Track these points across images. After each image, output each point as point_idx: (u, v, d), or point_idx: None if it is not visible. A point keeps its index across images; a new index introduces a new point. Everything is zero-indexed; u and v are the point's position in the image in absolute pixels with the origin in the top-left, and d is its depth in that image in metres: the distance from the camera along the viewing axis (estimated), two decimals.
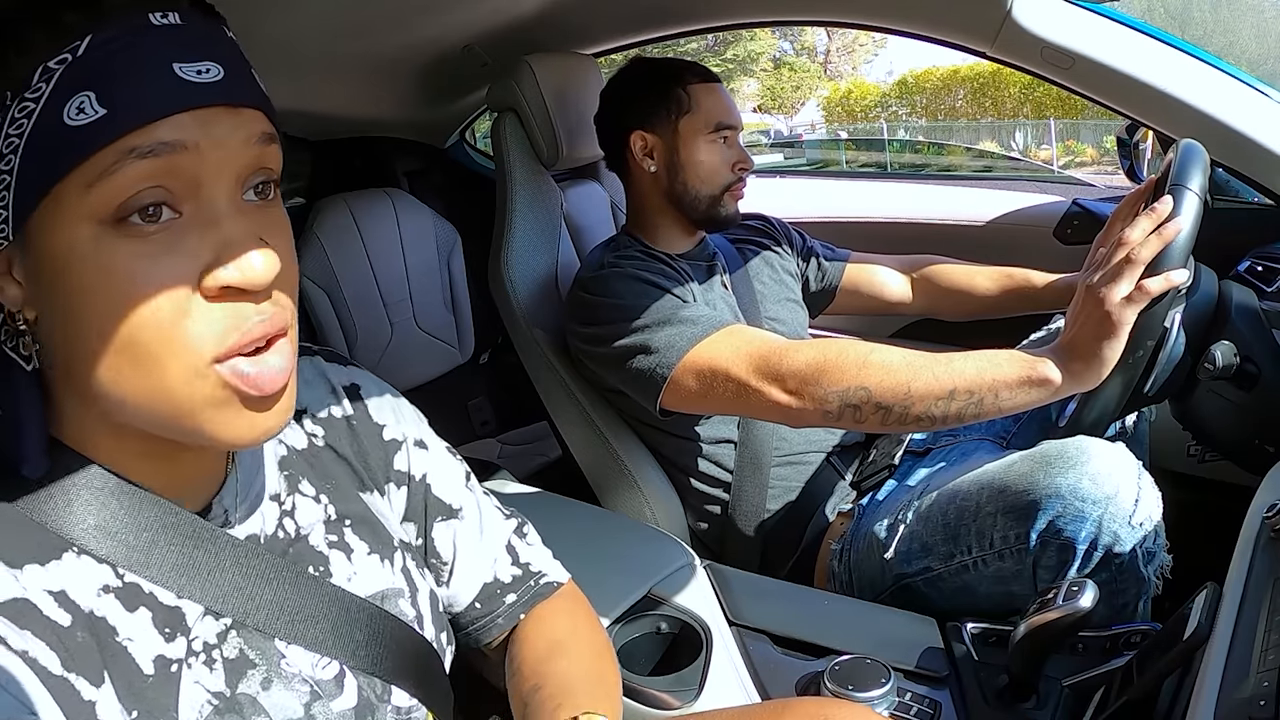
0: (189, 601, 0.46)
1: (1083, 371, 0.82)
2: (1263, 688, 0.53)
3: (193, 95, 0.40)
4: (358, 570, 0.55)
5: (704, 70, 1.24)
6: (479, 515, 0.66)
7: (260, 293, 0.42)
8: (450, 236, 2.01)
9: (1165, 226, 0.81)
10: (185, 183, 0.40)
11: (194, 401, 0.41)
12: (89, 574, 0.43)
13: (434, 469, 0.64)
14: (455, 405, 2.15)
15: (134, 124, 0.39)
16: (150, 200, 0.39)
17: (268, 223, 0.43)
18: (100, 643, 0.42)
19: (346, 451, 0.58)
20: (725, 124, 1.20)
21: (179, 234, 0.40)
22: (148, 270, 0.40)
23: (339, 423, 0.59)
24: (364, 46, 1.42)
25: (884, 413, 0.87)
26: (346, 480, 0.58)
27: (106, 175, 0.38)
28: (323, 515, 0.55)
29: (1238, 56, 14.46)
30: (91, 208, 0.39)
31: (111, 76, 0.39)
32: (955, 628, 0.87)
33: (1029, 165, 12.68)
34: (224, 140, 0.41)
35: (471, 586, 0.65)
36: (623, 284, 1.10)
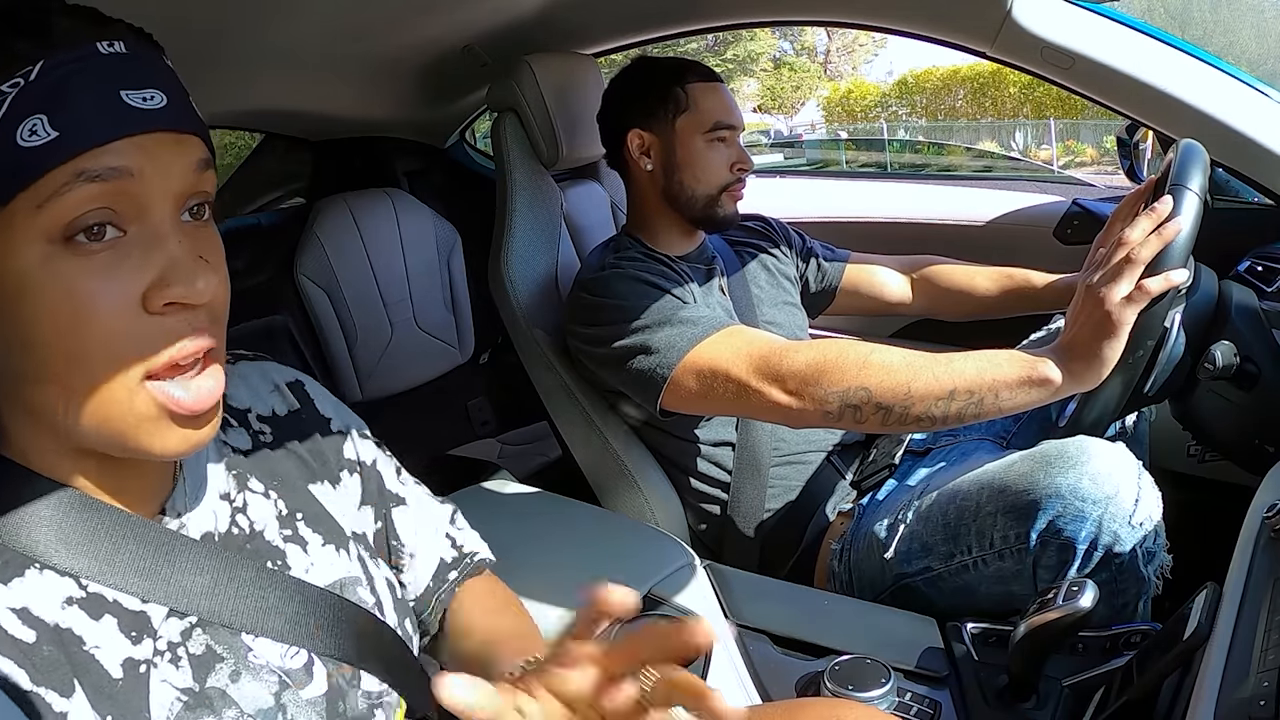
0: (153, 604, 0.47)
1: (1083, 371, 0.82)
2: (1263, 688, 0.53)
3: (139, 121, 0.42)
4: (314, 561, 0.57)
5: (705, 70, 1.24)
6: (420, 503, 0.69)
7: (199, 309, 0.44)
8: (450, 236, 2.01)
9: (1165, 226, 0.81)
10: (131, 204, 0.42)
11: (130, 417, 0.44)
12: (51, 588, 0.44)
13: (379, 459, 0.66)
14: (455, 405, 2.15)
15: (84, 147, 0.40)
16: (97, 220, 0.41)
17: (205, 241, 0.46)
18: (68, 654, 0.43)
19: (295, 447, 0.60)
20: (724, 123, 1.19)
21: (124, 253, 0.42)
22: (94, 288, 0.41)
23: (287, 419, 0.61)
24: (364, 47, 1.42)
25: (884, 413, 0.87)
26: (296, 474, 0.59)
27: (56, 196, 0.40)
28: (274, 511, 0.56)
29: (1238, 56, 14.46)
30: (41, 227, 0.41)
31: (63, 101, 0.40)
32: (955, 628, 0.87)
33: (1029, 165, 12.68)
34: (168, 165, 0.43)
35: (428, 569, 0.68)
36: (623, 285, 1.10)
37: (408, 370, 1.95)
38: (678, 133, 1.19)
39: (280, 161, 2.07)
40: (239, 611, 0.50)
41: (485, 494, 1.24)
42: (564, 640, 0.40)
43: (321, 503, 0.60)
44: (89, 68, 0.41)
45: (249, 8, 1.10)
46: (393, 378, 1.92)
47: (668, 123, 1.20)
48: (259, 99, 1.62)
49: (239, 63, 1.33)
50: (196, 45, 1.21)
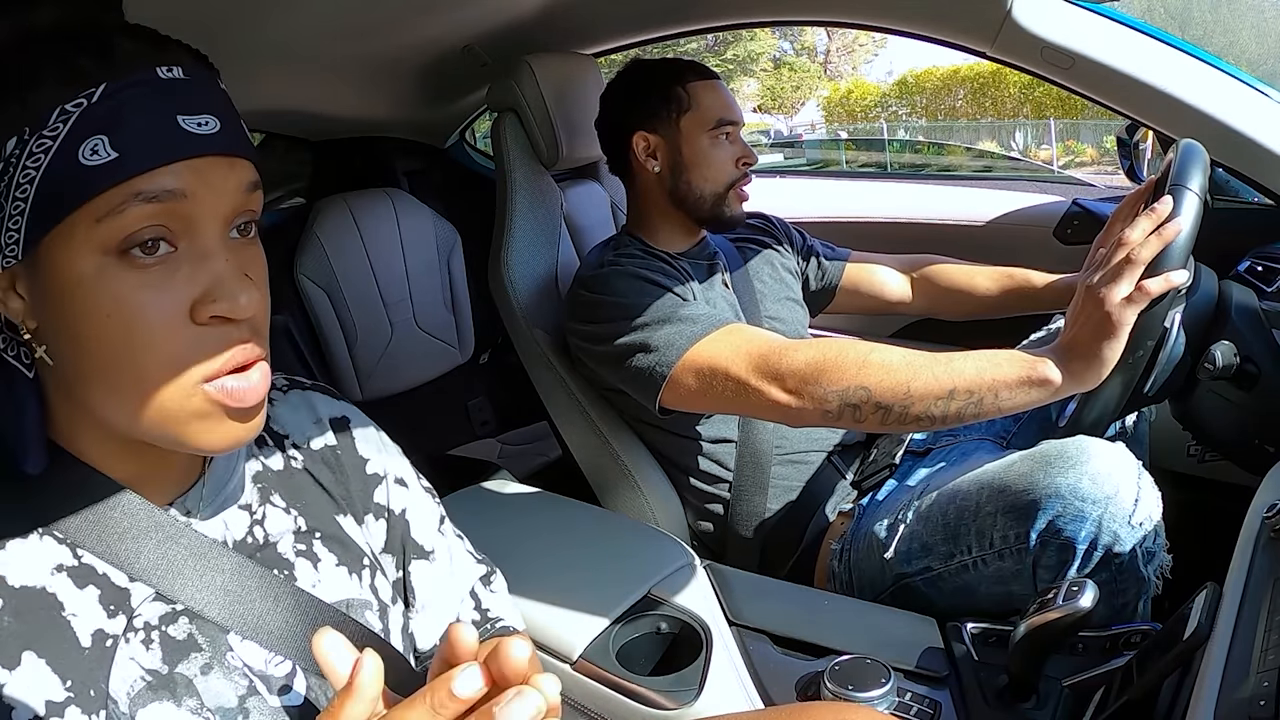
0: (140, 584, 0.49)
1: (1083, 371, 0.82)
2: (1263, 688, 0.53)
3: (194, 146, 0.44)
4: (323, 578, 0.57)
5: (703, 68, 1.24)
6: (450, 559, 0.68)
7: (244, 322, 0.47)
8: (450, 236, 2.01)
9: (1165, 227, 0.81)
10: (182, 223, 0.45)
11: (182, 414, 0.46)
12: (46, 554, 0.47)
13: (412, 507, 0.66)
14: (455, 405, 2.15)
15: (141, 169, 0.43)
16: (150, 236, 0.44)
17: (249, 259, 0.49)
18: (39, 618, 0.45)
19: (325, 480, 0.61)
20: (727, 120, 1.20)
21: (174, 267, 0.45)
22: (146, 299, 0.44)
23: (321, 452, 0.62)
24: (364, 47, 1.42)
25: (884, 412, 0.87)
26: (321, 504, 0.60)
27: (114, 213, 0.43)
28: (292, 526, 0.57)
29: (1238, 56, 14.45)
30: (98, 240, 0.43)
31: (123, 123, 0.43)
32: (955, 628, 0.87)
33: (1029, 165, 12.66)
34: (218, 187, 0.46)
35: (437, 626, 0.67)
36: (623, 282, 1.10)
37: (408, 370, 1.95)
38: (682, 132, 1.20)
39: (280, 161, 2.07)
40: (228, 609, 0.51)
41: (485, 494, 1.24)
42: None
43: (345, 530, 0.60)
44: (148, 92, 0.44)
45: (249, 7, 1.10)
46: (393, 378, 1.92)
47: (672, 123, 1.20)
48: (259, 99, 1.61)
49: (239, 62, 1.32)
50: (196, 44, 1.21)
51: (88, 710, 0.45)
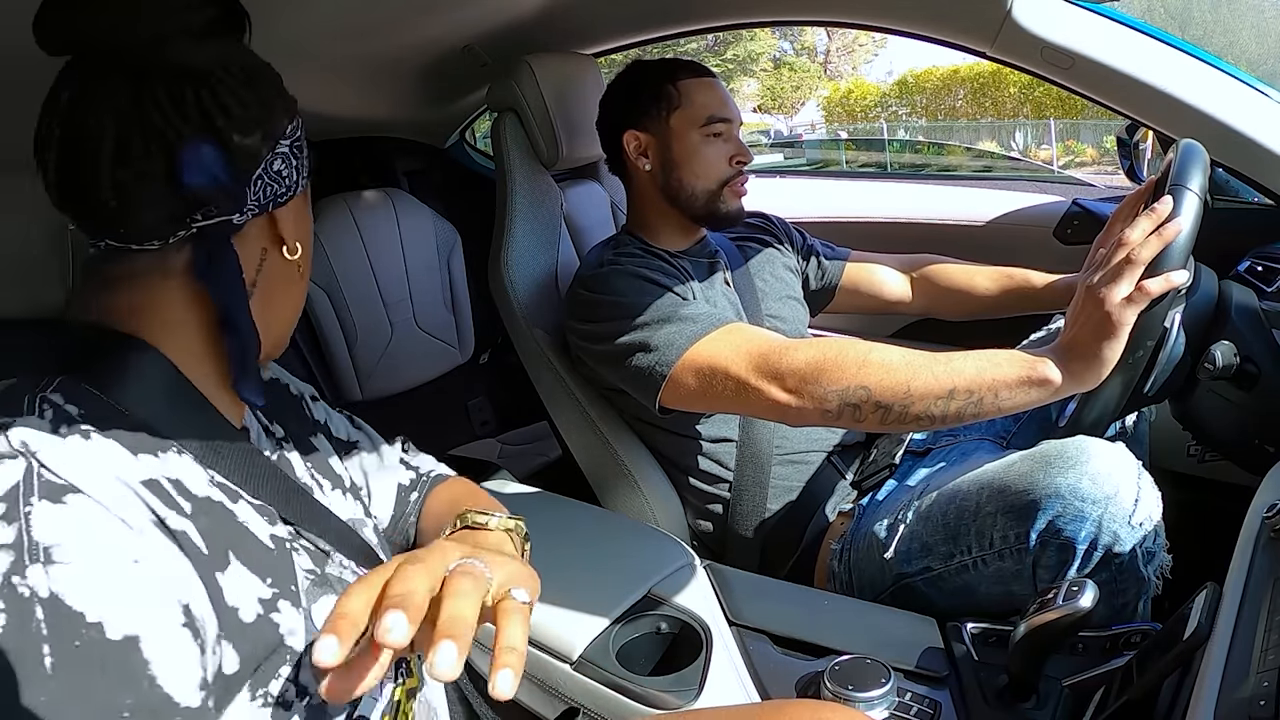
0: (266, 504, 0.54)
1: (1082, 372, 0.82)
2: (1263, 688, 0.53)
3: None
4: (331, 501, 0.64)
5: (696, 66, 1.24)
6: (371, 442, 0.77)
7: None
8: (450, 236, 2.01)
9: (1165, 227, 0.81)
10: None
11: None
12: (194, 469, 0.50)
13: (329, 416, 0.75)
14: (455, 405, 2.15)
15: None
16: None
17: None
18: (222, 526, 0.49)
19: (286, 407, 0.69)
20: (717, 117, 1.19)
21: None
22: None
23: (271, 385, 0.70)
24: (364, 47, 1.42)
25: (883, 412, 0.87)
26: (297, 426, 0.68)
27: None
28: (297, 453, 0.65)
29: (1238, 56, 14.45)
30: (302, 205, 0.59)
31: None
32: (955, 628, 0.87)
33: (1029, 165, 12.67)
34: None
35: (387, 503, 0.75)
36: (622, 281, 1.10)
37: (408, 370, 1.95)
38: (673, 130, 1.19)
39: None
40: (321, 529, 0.58)
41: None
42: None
43: (320, 452, 0.68)
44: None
45: (249, 7, 1.10)
46: (393, 378, 1.92)
47: (662, 121, 1.20)
48: None
49: None
50: None
51: (294, 604, 0.51)
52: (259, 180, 0.55)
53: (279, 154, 0.56)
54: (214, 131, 0.52)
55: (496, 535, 0.64)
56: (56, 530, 0.40)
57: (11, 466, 0.42)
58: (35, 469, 0.42)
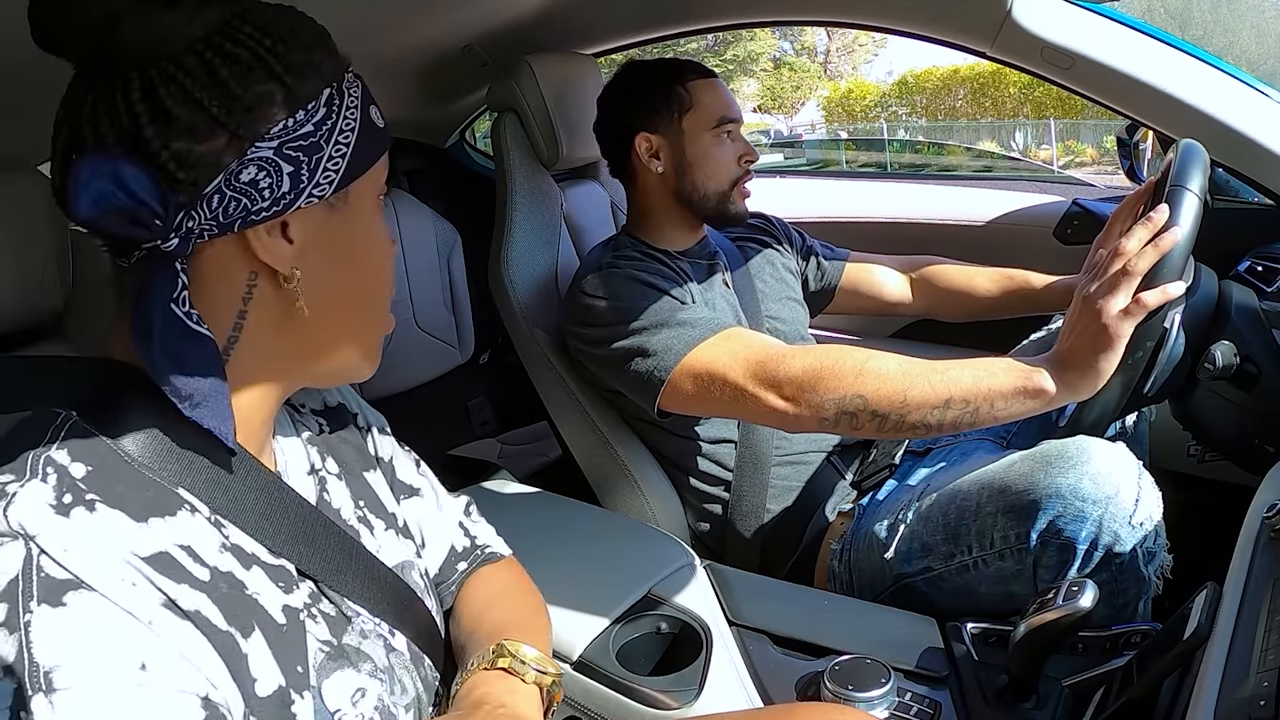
0: (285, 560, 0.50)
1: (1078, 382, 0.82)
2: (1263, 688, 0.53)
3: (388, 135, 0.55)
4: (381, 544, 0.61)
5: (700, 67, 1.24)
6: (435, 494, 0.73)
7: None
8: (450, 236, 2.01)
9: (1162, 237, 0.80)
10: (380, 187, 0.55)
11: (374, 339, 0.57)
12: (206, 532, 0.46)
13: (396, 453, 0.71)
14: (455, 405, 2.15)
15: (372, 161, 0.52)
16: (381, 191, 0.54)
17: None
18: (238, 593, 0.46)
19: (346, 435, 0.65)
20: (728, 118, 1.20)
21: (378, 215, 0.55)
22: (384, 236, 0.56)
23: (334, 410, 0.66)
24: (364, 47, 1.41)
25: (880, 420, 0.87)
26: (353, 460, 0.64)
27: (382, 166, 0.53)
28: (347, 493, 0.61)
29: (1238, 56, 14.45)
30: (374, 185, 0.53)
31: (371, 100, 0.53)
32: (955, 628, 0.87)
33: (1029, 165, 12.67)
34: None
35: (436, 559, 0.71)
36: (621, 285, 1.10)
37: (408, 370, 1.94)
38: (685, 132, 1.20)
39: None
40: (342, 577, 0.54)
41: (485, 494, 1.23)
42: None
43: (375, 490, 0.64)
44: (350, 93, 0.52)
45: None
46: (393, 378, 1.92)
47: (674, 123, 1.20)
48: None
49: None
50: None
51: (298, 689, 0.47)
52: (215, 197, 0.45)
53: (256, 159, 0.46)
54: (133, 142, 0.44)
55: (526, 693, 0.59)
56: (58, 648, 0.38)
57: (11, 552, 0.39)
58: (35, 558, 0.39)
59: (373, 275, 0.54)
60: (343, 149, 0.49)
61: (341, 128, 0.49)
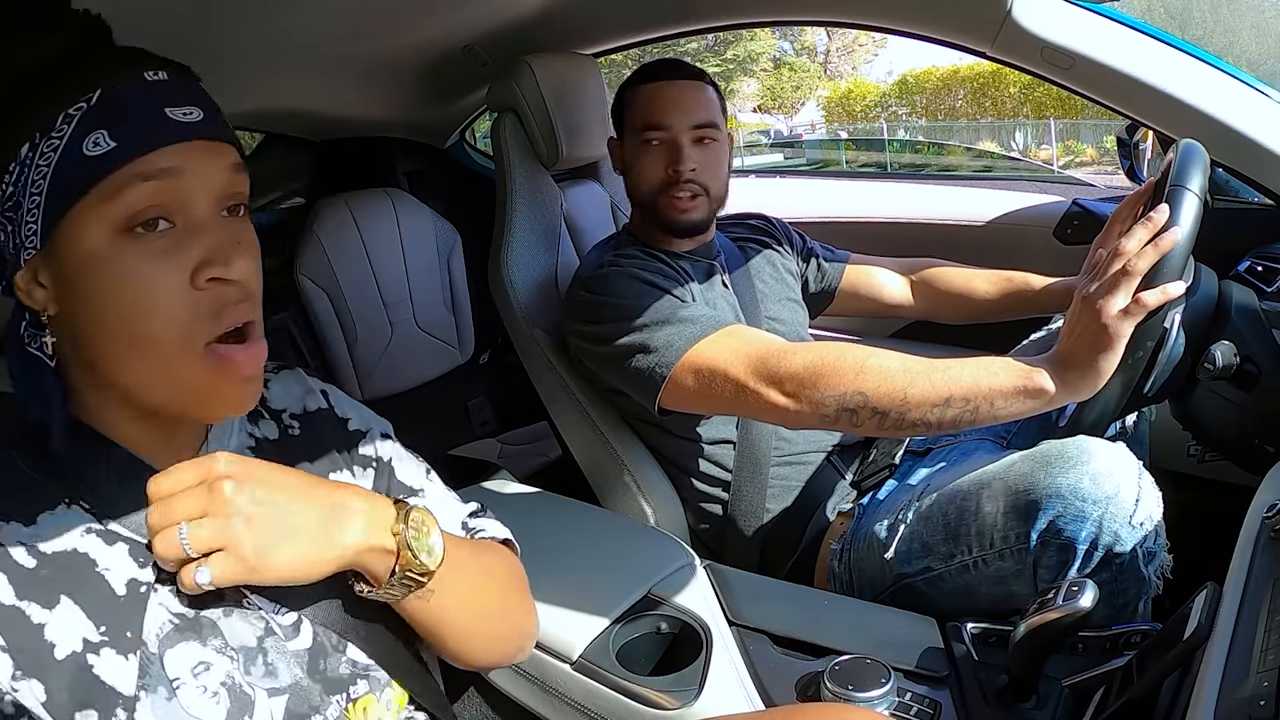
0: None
1: (1078, 382, 0.82)
2: (1263, 688, 0.53)
3: (181, 131, 0.51)
4: None
5: (650, 70, 1.23)
6: (437, 499, 0.74)
7: (239, 284, 0.53)
8: (450, 236, 2.01)
9: (1161, 237, 0.80)
10: (178, 200, 0.51)
11: (192, 378, 0.52)
12: (75, 520, 0.52)
13: (398, 457, 0.72)
14: (455, 405, 2.15)
15: (138, 153, 0.49)
16: (152, 215, 0.50)
17: (241, 232, 0.54)
18: (73, 574, 0.51)
19: (320, 439, 0.68)
20: (650, 124, 1.20)
21: (174, 240, 0.51)
22: (153, 268, 0.50)
23: (315, 415, 0.69)
24: (365, 47, 1.42)
25: (880, 418, 0.87)
26: (314, 467, 0.66)
27: (118, 194, 0.49)
28: None
29: (1238, 56, 14.46)
30: (107, 220, 0.50)
31: (119, 118, 0.50)
32: (955, 628, 0.87)
33: (1029, 165, 12.68)
34: (206, 167, 0.52)
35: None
36: (622, 283, 1.10)
37: (408, 370, 1.95)
38: (625, 138, 1.24)
39: (280, 161, 2.07)
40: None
41: (485, 494, 1.24)
42: None
43: (342, 479, 0.66)
44: (140, 91, 0.51)
45: (250, 7, 1.10)
46: (393, 378, 1.92)
47: (622, 128, 1.25)
48: (260, 99, 1.61)
49: (240, 62, 1.32)
50: (197, 45, 1.21)
51: (121, 651, 0.50)
52: None
53: None
54: None
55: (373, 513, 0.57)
56: None
57: None
58: None
59: (129, 317, 0.50)
60: (36, 198, 0.50)
61: (34, 178, 0.49)
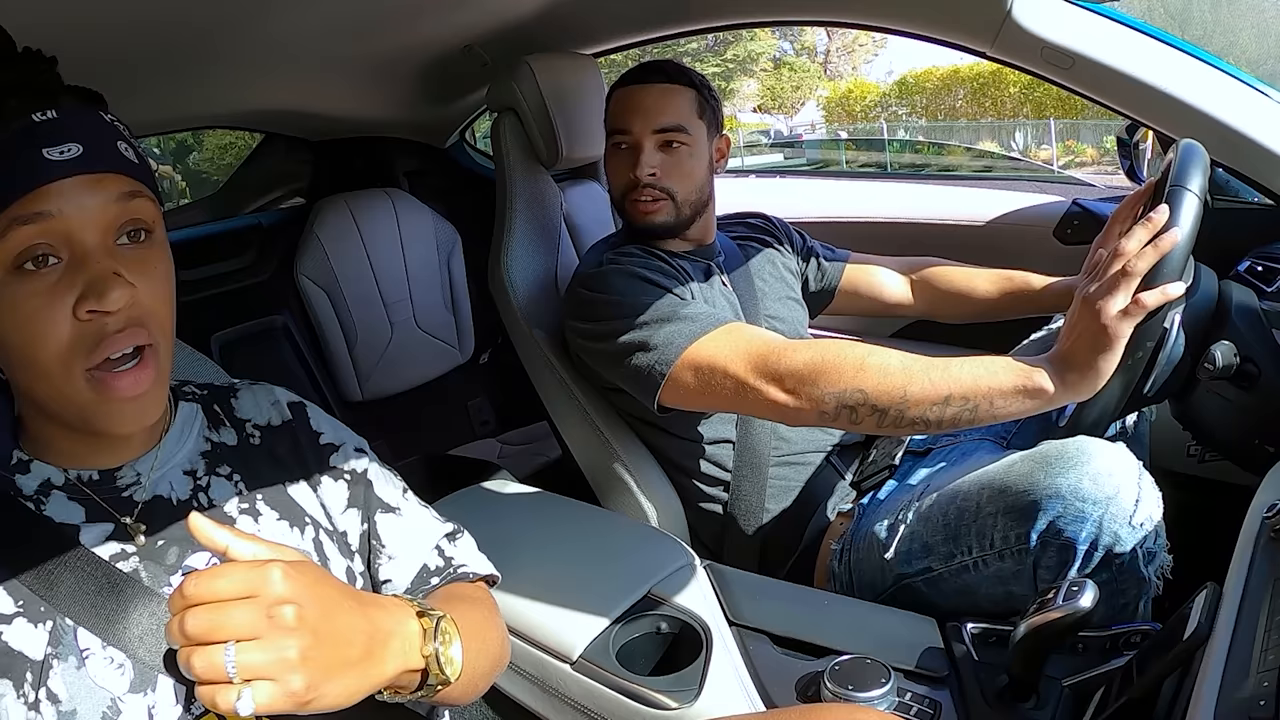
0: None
1: (1078, 383, 0.82)
2: (1263, 688, 0.53)
3: (54, 170, 0.52)
4: (262, 529, 0.64)
5: (628, 74, 1.23)
6: (415, 516, 0.74)
7: (118, 314, 0.54)
8: (450, 236, 2.01)
9: (1161, 238, 0.80)
10: (61, 237, 0.53)
11: (79, 400, 0.55)
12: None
13: (374, 472, 0.73)
14: (455, 405, 2.15)
15: (13, 198, 0.51)
16: (40, 252, 0.52)
17: (137, 261, 0.56)
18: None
19: (282, 453, 0.69)
20: (615, 129, 1.21)
21: (60, 274, 0.53)
22: (38, 303, 0.53)
23: (279, 428, 0.70)
24: (364, 47, 1.42)
25: (879, 415, 0.87)
26: (269, 471, 0.67)
27: (2, 237, 0.51)
28: (234, 490, 0.65)
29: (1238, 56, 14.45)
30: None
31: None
32: (955, 628, 0.87)
33: (1029, 165, 12.69)
34: (84, 203, 0.53)
35: (407, 572, 0.71)
36: (622, 281, 1.10)
37: (408, 370, 1.95)
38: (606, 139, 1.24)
39: (280, 161, 2.07)
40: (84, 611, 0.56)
41: (485, 494, 1.24)
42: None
43: (290, 494, 0.67)
44: (20, 136, 0.52)
45: (250, 7, 1.10)
46: (393, 378, 1.92)
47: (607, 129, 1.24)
48: (259, 99, 1.62)
49: (239, 63, 1.33)
50: (197, 46, 1.21)
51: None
52: None
53: None
54: None
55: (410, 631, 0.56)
56: None
57: None
58: None
59: (21, 346, 0.53)
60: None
61: None
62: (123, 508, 0.61)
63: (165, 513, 0.62)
